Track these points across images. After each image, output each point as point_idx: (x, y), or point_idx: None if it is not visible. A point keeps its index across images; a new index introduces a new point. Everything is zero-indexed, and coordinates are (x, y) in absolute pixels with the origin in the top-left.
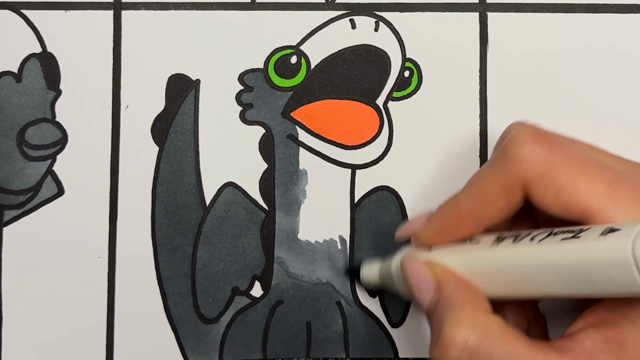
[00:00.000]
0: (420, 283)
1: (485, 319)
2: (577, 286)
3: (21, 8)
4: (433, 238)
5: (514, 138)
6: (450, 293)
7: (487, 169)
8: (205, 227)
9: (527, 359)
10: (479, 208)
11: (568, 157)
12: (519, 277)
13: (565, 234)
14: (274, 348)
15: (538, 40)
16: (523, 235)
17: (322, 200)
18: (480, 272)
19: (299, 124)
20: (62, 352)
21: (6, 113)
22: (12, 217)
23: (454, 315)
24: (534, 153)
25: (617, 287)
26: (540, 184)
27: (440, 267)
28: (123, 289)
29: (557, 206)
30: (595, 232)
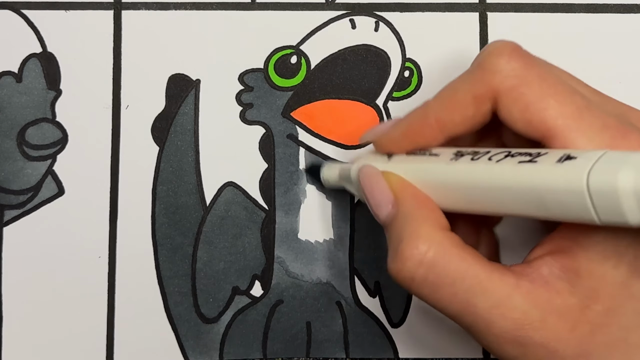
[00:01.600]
0: (377, 196)
1: (443, 235)
2: (531, 208)
3: (21, 8)
4: (396, 142)
5: (492, 50)
6: (409, 207)
7: (460, 78)
8: (205, 226)
9: (483, 278)
10: (447, 114)
11: (542, 75)
12: (474, 195)
13: (522, 157)
14: (274, 348)
15: (538, 40)
16: (482, 154)
17: (322, 200)
18: (436, 185)
19: (299, 123)
20: (62, 352)
21: (6, 113)
22: (12, 217)
23: (412, 230)
24: (509, 66)
25: (569, 214)
26: (510, 97)
27: (398, 179)
28: (123, 288)
29: (522, 121)
30: (553, 158)
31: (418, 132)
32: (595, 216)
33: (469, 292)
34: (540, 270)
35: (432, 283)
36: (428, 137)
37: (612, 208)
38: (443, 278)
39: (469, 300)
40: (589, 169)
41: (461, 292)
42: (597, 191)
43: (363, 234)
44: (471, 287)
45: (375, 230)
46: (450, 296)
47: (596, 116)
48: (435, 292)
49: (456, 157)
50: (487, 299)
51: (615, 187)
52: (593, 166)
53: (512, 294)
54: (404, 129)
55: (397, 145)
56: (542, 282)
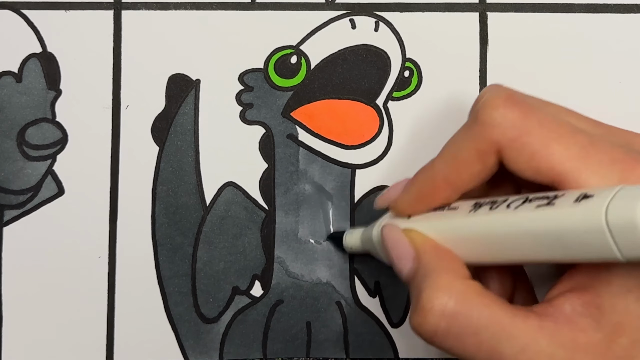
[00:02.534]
0: (399, 252)
1: (463, 284)
2: (553, 252)
3: (21, 8)
4: (411, 206)
5: (486, 102)
6: (429, 261)
7: (460, 135)
8: (205, 226)
9: (506, 323)
10: (455, 174)
11: (541, 120)
12: (495, 244)
13: (540, 201)
14: (274, 347)
15: (538, 40)
16: (499, 202)
17: (322, 200)
18: (457, 239)
19: (299, 123)
20: (63, 351)
21: (6, 113)
22: (12, 217)
23: (432, 282)
24: (507, 117)
25: (592, 253)
26: (513, 148)
27: (419, 235)
28: (123, 288)
29: (530, 170)
30: (570, 199)
31: (430, 195)
32: (618, 253)
33: (494, 340)
34: (562, 308)
35: (456, 334)
36: (441, 197)
37: (634, 242)
38: (466, 328)
39: (495, 348)
40: (606, 205)
41: (486, 340)
42: (617, 226)
43: None
44: (495, 334)
45: None
46: (476, 345)
47: (603, 151)
48: (460, 342)
49: (475, 208)
50: (512, 345)
51: (634, 221)
52: (610, 202)
53: (537, 336)
54: (415, 193)
55: (412, 208)
56: (566, 320)
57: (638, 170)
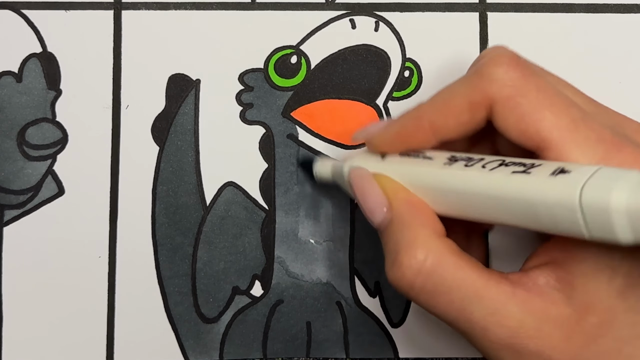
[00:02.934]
0: (370, 200)
1: (440, 243)
2: (522, 219)
3: (21, 8)
4: (388, 144)
5: (490, 58)
6: (404, 213)
7: (457, 83)
8: (205, 226)
9: (479, 286)
10: (441, 119)
11: (539, 86)
12: (466, 201)
13: (516, 167)
14: (274, 348)
15: (538, 40)
16: (475, 160)
17: (322, 200)
18: (429, 189)
19: (299, 123)
20: (63, 351)
21: (6, 113)
22: (13, 217)
23: (410, 238)
24: (507, 75)
25: (561, 227)
26: (506, 106)
27: (391, 183)
28: (123, 288)
29: (517, 131)
30: (546, 170)
31: (411, 135)
32: (585, 231)
33: (465, 300)
34: (537, 280)
35: (430, 291)
36: (421, 140)
37: (603, 225)
38: (440, 286)
39: (466, 308)
40: (582, 184)
41: (458, 300)
42: (589, 207)
43: (363, 234)
44: (467, 295)
45: (375, 230)
46: (447, 303)
47: (592, 129)
48: (433, 299)
49: (450, 162)
50: (483, 307)
51: (607, 205)
52: (587, 182)
53: (508, 302)
54: (397, 130)
55: (389, 146)
56: (538, 291)
57: (621, 153)
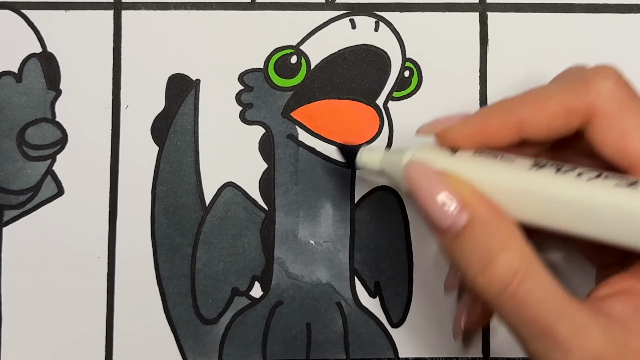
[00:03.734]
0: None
1: (532, 250)
2: (624, 236)
3: (21, 8)
4: (467, 137)
5: (600, 70)
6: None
7: (557, 86)
8: (205, 227)
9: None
10: (534, 118)
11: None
12: (558, 211)
13: (618, 180)
14: (274, 349)
15: (538, 40)
16: (567, 169)
17: (322, 200)
18: (512, 194)
19: (299, 124)
20: (62, 352)
21: (6, 113)
22: (12, 217)
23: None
24: (616, 90)
25: None
26: (607, 120)
27: (464, 183)
28: (123, 289)
29: (614, 147)
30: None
31: (495, 130)
32: None
33: (553, 314)
34: (614, 308)
35: (520, 297)
36: (504, 137)
37: None
38: (531, 294)
39: (551, 325)
40: None
41: (544, 313)
42: None
43: (363, 234)
44: (555, 309)
45: (375, 230)
46: (532, 317)
47: None
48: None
49: (537, 167)
50: (570, 325)
51: None
52: None
53: (593, 325)
54: (480, 123)
55: (468, 140)
56: (617, 320)
57: None
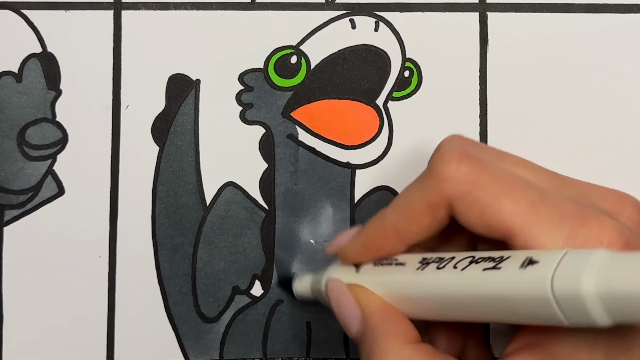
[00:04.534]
0: (345, 312)
1: (412, 350)
2: (500, 314)
3: (21, 8)
4: (358, 254)
5: (440, 156)
6: (376, 324)
7: (414, 186)
8: (205, 226)
9: None
10: (404, 224)
11: (493, 175)
12: (442, 304)
13: (486, 263)
14: (274, 347)
15: (538, 40)
16: (446, 260)
17: (322, 200)
18: (405, 297)
19: (299, 123)
20: (63, 351)
21: (6, 113)
22: (13, 217)
23: (381, 348)
24: (459, 172)
25: (539, 319)
26: (464, 202)
27: (365, 293)
28: (123, 288)
29: (481, 224)
30: (515, 263)
31: (377, 244)
32: (564, 320)
33: None
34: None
35: None
36: (388, 247)
37: (579, 312)
38: None
39: None
40: (551, 275)
41: None
42: (563, 297)
43: None
44: None
45: None
46: None
47: (552, 207)
48: None
49: (422, 265)
50: None
51: (579, 293)
52: (555, 271)
53: None
54: (363, 241)
55: (359, 256)
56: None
57: (587, 226)
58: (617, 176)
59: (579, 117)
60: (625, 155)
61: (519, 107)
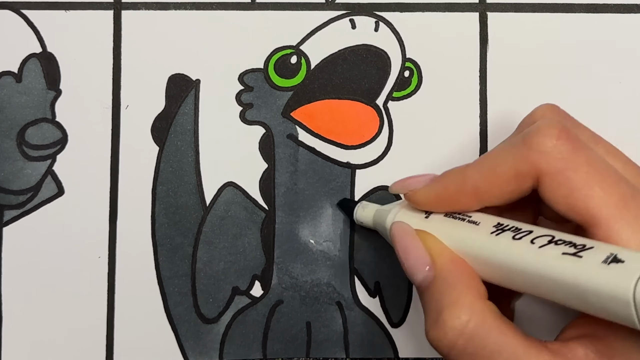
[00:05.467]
0: (412, 258)
1: (484, 305)
2: (572, 301)
3: (21, 8)
4: (429, 203)
5: (540, 128)
6: (448, 273)
7: (504, 150)
8: (205, 226)
9: (520, 353)
10: (486, 185)
11: (589, 160)
12: (512, 274)
13: (567, 247)
14: (274, 348)
15: (538, 40)
16: (524, 232)
17: (322, 200)
18: (476, 256)
19: (299, 123)
20: (62, 352)
21: (6, 113)
22: (12, 217)
23: (454, 298)
24: (557, 148)
25: (611, 316)
26: (555, 180)
27: (436, 242)
28: (123, 288)
29: (565, 205)
30: (599, 256)
31: (453, 198)
32: (638, 324)
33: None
34: (576, 351)
35: (471, 353)
36: (463, 204)
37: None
38: (481, 350)
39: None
40: (637, 278)
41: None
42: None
43: (363, 234)
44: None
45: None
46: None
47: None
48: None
49: (497, 230)
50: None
51: None
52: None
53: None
54: (439, 191)
55: (430, 205)
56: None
57: None
58: None
59: (578, 117)
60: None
61: (519, 107)
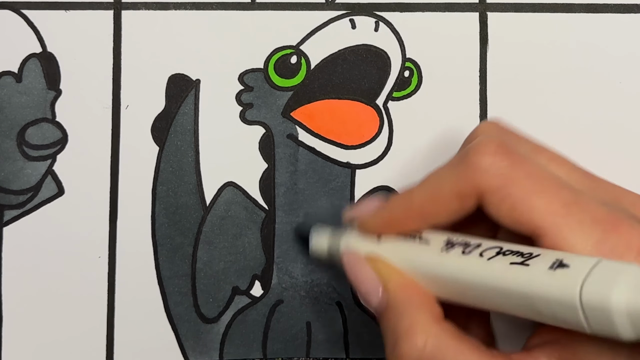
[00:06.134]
0: (364, 286)
1: (439, 327)
2: (522, 310)
3: (21, 8)
4: (379, 228)
5: (477, 146)
6: (400, 297)
7: (445, 170)
8: (205, 226)
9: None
10: (431, 207)
11: (528, 172)
12: (464, 290)
13: (514, 257)
14: (274, 348)
15: (538, 40)
16: (472, 246)
17: (321, 200)
18: (427, 275)
19: (299, 123)
20: (62, 352)
21: (6, 113)
22: (12, 217)
23: (407, 324)
24: (495, 165)
25: (562, 321)
26: (496, 196)
27: (385, 267)
28: (123, 288)
29: (510, 219)
30: (545, 263)
31: (401, 221)
32: (587, 327)
33: None
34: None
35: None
36: (412, 226)
37: (604, 323)
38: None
39: None
40: (581, 281)
41: None
42: (590, 305)
43: None
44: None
45: None
46: None
47: (585, 210)
48: None
49: (447, 246)
50: None
51: (608, 305)
52: (586, 279)
53: None
54: (386, 216)
55: (380, 230)
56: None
57: (618, 232)
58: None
59: (578, 117)
60: (626, 155)
61: (519, 107)
